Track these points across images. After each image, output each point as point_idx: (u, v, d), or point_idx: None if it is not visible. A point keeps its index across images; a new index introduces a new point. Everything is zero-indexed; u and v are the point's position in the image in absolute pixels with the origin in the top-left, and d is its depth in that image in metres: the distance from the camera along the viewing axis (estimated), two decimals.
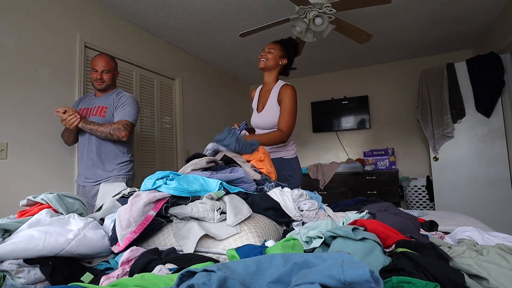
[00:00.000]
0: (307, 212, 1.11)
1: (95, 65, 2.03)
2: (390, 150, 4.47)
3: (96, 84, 2.06)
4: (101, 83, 2.05)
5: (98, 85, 2.06)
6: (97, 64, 2.03)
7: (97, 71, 2.03)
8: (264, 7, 2.96)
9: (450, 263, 0.61)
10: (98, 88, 2.08)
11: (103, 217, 0.95)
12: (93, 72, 2.04)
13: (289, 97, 1.85)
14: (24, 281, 0.65)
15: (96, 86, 2.08)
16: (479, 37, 3.88)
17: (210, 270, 0.39)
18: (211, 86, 4.53)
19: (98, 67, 2.03)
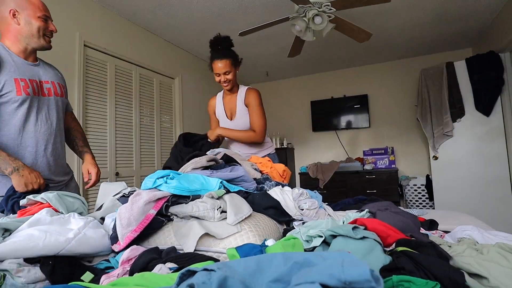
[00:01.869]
0: (307, 211, 1.11)
1: (43, 9, 1.30)
2: (390, 149, 4.47)
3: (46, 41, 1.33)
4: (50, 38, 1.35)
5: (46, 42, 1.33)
6: (44, 8, 1.31)
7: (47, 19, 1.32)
8: (263, 6, 2.95)
9: (450, 262, 0.61)
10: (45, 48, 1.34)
11: (103, 216, 0.95)
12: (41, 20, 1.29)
13: (255, 100, 1.90)
14: (24, 280, 0.65)
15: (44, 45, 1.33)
16: (478, 36, 3.88)
17: (210, 269, 0.39)
18: (211, 85, 4.52)
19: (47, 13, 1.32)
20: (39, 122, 1.30)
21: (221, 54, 1.87)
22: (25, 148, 1.26)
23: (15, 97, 1.22)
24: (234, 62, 1.89)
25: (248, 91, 1.95)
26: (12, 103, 1.22)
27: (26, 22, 1.25)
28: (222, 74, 1.89)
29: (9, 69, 1.22)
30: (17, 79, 1.23)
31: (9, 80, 1.21)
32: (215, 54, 1.89)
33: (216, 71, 1.90)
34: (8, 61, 1.23)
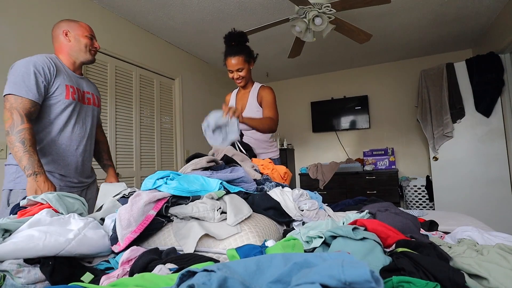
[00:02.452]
0: (307, 212, 1.11)
1: (89, 30, 1.57)
2: (390, 150, 4.47)
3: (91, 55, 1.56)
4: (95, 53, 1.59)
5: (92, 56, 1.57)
6: (90, 30, 1.57)
7: (93, 38, 1.57)
8: (263, 7, 2.96)
9: (450, 262, 0.61)
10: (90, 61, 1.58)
11: (103, 217, 0.95)
12: (87, 38, 1.53)
13: (270, 99, 1.92)
14: (24, 281, 0.65)
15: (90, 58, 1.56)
16: (478, 37, 3.89)
17: (210, 270, 0.39)
18: (211, 86, 4.53)
19: (92, 33, 1.58)
20: (76, 125, 1.50)
21: (234, 50, 1.85)
22: (60, 145, 1.44)
23: (64, 100, 1.43)
24: (248, 58, 1.88)
25: (261, 88, 1.96)
26: (60, 104, 1.42)
27: (75, 40, 1.50)
28: (235, 71, 1.88)
29: (63, 76, 1.44)
30: (68, 85, 1.45)
31: (61, 85, 1.42)
32: (228, 50, 1.87)
33: (229, 68, 1.89)
34: (62, 70, 1.46)
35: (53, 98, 1.40)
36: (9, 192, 1.36)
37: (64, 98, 1.42)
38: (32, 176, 1.24)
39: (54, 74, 1.40)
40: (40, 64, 1.36)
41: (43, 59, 1.38)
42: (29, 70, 1.32)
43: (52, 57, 1.45)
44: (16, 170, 1.36)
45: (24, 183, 1.32)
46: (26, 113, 1.29)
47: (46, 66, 1.37)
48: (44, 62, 1.37)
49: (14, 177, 1.37)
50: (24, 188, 1.32)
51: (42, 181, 1.25)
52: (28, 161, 1.24)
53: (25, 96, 1.30)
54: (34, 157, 1.26)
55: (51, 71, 1.39)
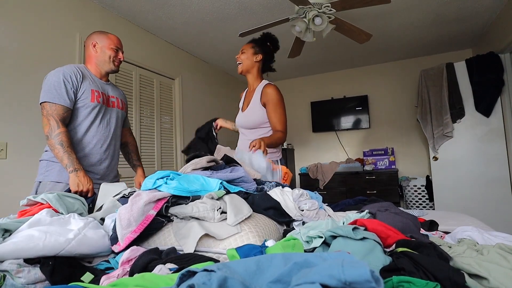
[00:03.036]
0: (307, 211, 1.11)
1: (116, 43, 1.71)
2: (390, 150, 4.47)
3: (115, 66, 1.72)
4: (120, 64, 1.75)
5: (115, 67, 1.72)
6: (117, 43, 1.72)
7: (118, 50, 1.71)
8: (263, 7, 2.96)
9: (450, 262, 0.61)
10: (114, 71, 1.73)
11: (103, 217, 0.95)
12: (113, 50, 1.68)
13: (274, 97, 1.86)
14: (24, 281, 0.65)
15: (113, 68, 1.71)
16: (478, 37, 3.89)
17: (210, 270, 0.39)
18: (211, 86, 4.53)
19: (119, 45, 1.72)
20: (101, 125, 1.64)
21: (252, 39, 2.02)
22: (86, 143, 1.59)
23: (89, 103, 1.58)
24: (255, 48, 1.95)
25: (265, 88, 1.91)
26: (87, 107, 1.58)
27: (101, 51, 1.67)
28: (240, 52, 1.98)
29: (88, 82, 1.60)
30: (93, 90, 1.61)
31: (87, 89, 1.59)
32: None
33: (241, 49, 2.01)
34: (87, 77, 1.63)
35: (80, 102, 1.56)
36: (38, 183, 1.53)
37: (89, 101, 1.58)
38: (74, 172, 1.42)
39: (80, 80, 1.57)
40: (68, 73, 1.53)
41: (71, 68, 1.56)
42: (59, 79, 1.49)
43: (80, 67, 1.63)
44: (47, 164, 1.54)
45: (51, 176, 1.51)
46: (60, 118, 1.47)
47: (74, 74, 1.54)
48: (71, 71, 1.54)
49: (44, 171, 1.53)
50: (52, 180, 1.50)
51: (82, 175, 1.43)
52: (68, 160, 1.43)
53: (58, 103, 1.47)
54: (73, 156, 1.45)
55: (78, 78, 1.56)
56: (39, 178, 1.54)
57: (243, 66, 1.96)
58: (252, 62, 1.95)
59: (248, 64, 1.95)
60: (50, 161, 1.53)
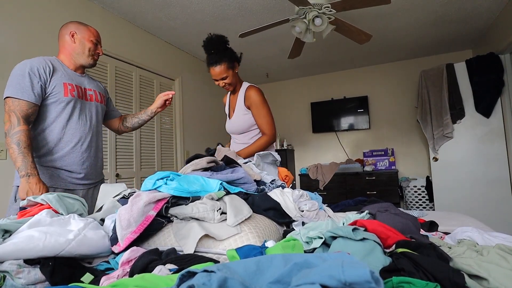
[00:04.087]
0: (307, 212, 1.11)
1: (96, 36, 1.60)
2: (390, 151, 4.47)
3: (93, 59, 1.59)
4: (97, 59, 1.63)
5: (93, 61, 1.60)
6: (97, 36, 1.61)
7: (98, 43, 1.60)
8: (263, 8, 2.96)
9: (450, 263, 0.61)
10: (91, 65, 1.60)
11: (103, 218, 0.95)
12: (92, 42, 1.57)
13: (257, 100, 1.82)
14: (24, 281, 0.65)
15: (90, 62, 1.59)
16: (478, 38, 3.89)
17: (210, 270, 0.39)
18: (211, 87, 4.53)
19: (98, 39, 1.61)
20: (80, 121, 1.51)
21: (215, 59, 1.77)
22: (66, 142, 1.47)
23: (62, 98, 1.45)
24: (230, 64, 1.79)
25: (247, 90, 1.87)
26: (60, 103, 1.44)
27: (80, 42, 1.54)
28: (219, 80, 1.82)
29: (60, 75, 1.47)
30: (66, 83, 1.47)
31: (59, 83, 1.45)
32: (209, 60, 1.80)
33: (213, 77, 1.83)
34: (59, 69, 1.49)
35: (51, 97, 1.43)
36: (17, 188, 1.40)
37: (62, 96, 1.44)
38: (25, 178, 1.28)
39: (50, 73, 1.42)
40: (35, 65, 1.39)
41: (39, 61, 1.42)
42: (24, 72, 1.36)
43: (51, 58, 1.49)
44: None
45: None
46: (23, 115, 1.33)
47: (42, 67, 1.40)
48: (39, 63, 1.40)
49: None
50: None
51: (34, 182, 1.28)
52: (22, 163, 1.28)
53: (21, 98, 1.33)
54: (28, 159, 1.30)
55: (47, 71, 1.41)
56: (16, 182, 1.40)
57: (233, 86, 1.88)
58: (235, 77, 1.87)
59: (235, 81, 1.87)
60: None
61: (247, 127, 1.89)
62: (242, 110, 1.88)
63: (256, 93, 1.84)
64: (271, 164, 1.73)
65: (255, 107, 1.83)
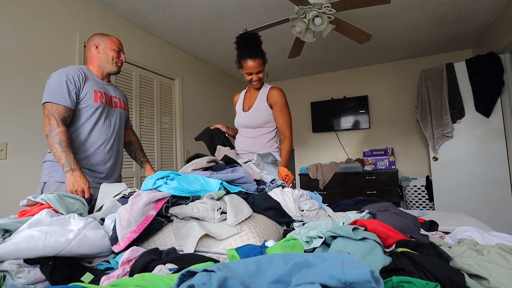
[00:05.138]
0: (307, 212, 1.11)
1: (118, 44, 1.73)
2: (390, 150, 4.47)
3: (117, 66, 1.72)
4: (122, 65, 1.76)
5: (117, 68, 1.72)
6: (119, 44, 1.73)
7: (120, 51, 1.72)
8: (263, 7, 2.96)
9: (450, 263, 0.61)
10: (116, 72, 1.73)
11: (103, 217, 0.95)
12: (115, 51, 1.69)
13: (282, 101, 1.92)
14: (24, 281, 0.65)
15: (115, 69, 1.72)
16: (478, 37, 3.89)
17: (210, 270, 0.39)
18: (211, 86, 4.53)
19: (120, 47, 1.73)
20: (105, 125, 1.65)
21: (253, 52, 1.82)
22: (91, 143, 1.60)
23: (93, 103, 1.58)
24: (265, 60, 1.89)
25: (271, 90, 1.94)
26: (90, 108, 1.58)
27: (104, 52, 1.67)
28: (254, 74, 1.87)
29: (91, 83, 1.61)
30: (96, 90, 1.61)
31: (90, 90, 1.59)
32: (246, 52, 1.83)
33: (248, 70, 1.86)
34: (90, 78, 1.63)
35: (83, 102, 1.56)
36: (43, 184, 1.54)
37: (93, 102, 1.58)
38: (70, 172, 1.42)
39: (83, 81, 1.57)
40: (71, 73, 1.53)
41: (74, 69, 1.56)
42: (61, 79, 1.50)
43: (83, 68, 1.63)
44: (51, 165, 1.54)
45: (56, 177, 1.51)
46: (61, 118, 1.47)
47: (76, 75, 1.54)
48: (74, 72, 1.55)
49: (49, 171, 1.54)
50: (57, 181, 1.51)
51: (78, 176, 1.42)
52: (65, 160, 1.42)
53: (59, 103, 1.48)
54: (70, 156, 1.44)
55: (81, 79, 1.56)
56: (44, 179, 1.54)
57: (260, 82, 1.95)
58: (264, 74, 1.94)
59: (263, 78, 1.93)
60: (55, 162, 1.53)
61: (263, 123, 1.95)
62: (264, 106, 1.94)
63: (281, 94, 1.93)
64: (271, 164, 1.73)
65: (279, 108, 1.91)
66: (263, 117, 1.94)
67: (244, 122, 2.01)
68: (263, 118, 1.94)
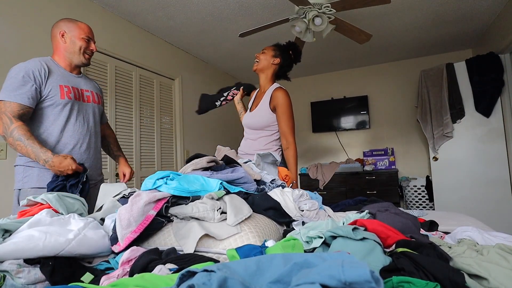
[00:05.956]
0: (307, 212, 1.11)
1: (87, 32, 1.54)
2: (390, 150, 4.47)
3: (85, 58, 1.55)
4: (91, 56, 1.59)
5: (86, 59, 1.56)
6: (88, 32, 1.55)
7: (90, 40, 1.55)
8: (263, 7, 2.96)
9: (450, 263, 0.61)
10: (84, 64, 1.57)
11: (103, 217, 0.95)
12: (83, 40, 1.52)
13: (284, 103, 1.88)
14: (24, 281, 0.65)
15: (83, 61, 1.55)
16: (478, 37, 3.89)
17: (210, 270, 0.39)
18: (211, 86, 4.52)
19: (90, 35, 1.56)
20: (78, 123, 1.51)
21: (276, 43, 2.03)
22: (64, 144, 1.47)
23: (59, 100, 1.44)
24: (276, 51, 1.97)
25: (275, 92, 1.93)
26: (57, 105, 1.44)
27: (71, 41, 1.50)
28: (260, 51, 2.00)
29: (55, 77, 1.45)
30: (62, 85, 1.46)
31: (55, 86, 1.44)
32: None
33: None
34: (55, 71, 1.47)
35: (48, 100, 1.42)
36: (18, 191, 1.42)
37: (59, 98, 1.44)
38: (47, 164, 1.31)
39: (45, 76, 1.41)
40: (30, 68, 1.38)
41: (35, 63, 1.41)
42: (18, 75, 1.36)
43: (46, 60, 1.47)
44: (24, 170, 1.42)
45: (31, 182, 1.39)
46: (14, 115, 1.33)
47: (37, 69, 1.39)
48: (35, 66, 1.40)
49: (22, 177, 1.42)
50: (32, 187, 1.39)
51: (58, 162, 1.31)
52: (34, 154, 1.31)
53: (13, 100, 1.34)
54: (36, 146, 1.31)
55: (42, 74, 1.40)
56: (17, 186, 1.41)
57: (259, 65, 1.98)
58: (269, 63, 1.97)
59: (264, 64, 1.97)
60: (27, 166, 1.40)
61: (264, 125, 1.93)
62: (266, 108, 1.93)
63: (284, 96, 1.90)
64: (271, 164, 1.73)
65: (281, 110, 1.88)
66: (264, 119, 1.92)
67: (247, 122, 2.01)
68: (264, 121, 1.92)
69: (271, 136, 1.95)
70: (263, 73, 2.01)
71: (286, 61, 2.00)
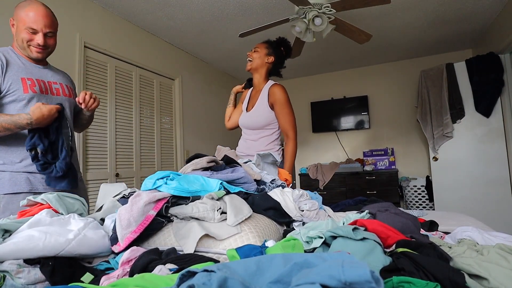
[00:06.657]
0: (307, 212, 1.11)
1: (33, 21, 1.31)
2: (390, 150, 4.47)
3: (34, 51, 1.34)
4: (42, 50, 1.36)
5: (37, 53, 1.35)
6: (34, 21, 1.31)
7: (35, 32, 1.32)
8: (263, 7, 2.96)
9: (450, 263, 0.61)
10: (37, 58, 1.37)
11: (103, 217, 0.95)
12: (26, 31, 1.31)
13: (282, 98, 1.86)
14: (24, 281, 0.65)
15: (33, 55, 1.35)
16: (478, 37, 3.89)
17: (210, 270, 0.39)
18: (211, 86, 4.53)
19: (35, 26, 1.31)
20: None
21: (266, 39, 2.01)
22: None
23: (22, 95, 1.28)
24: (269, 49, 1.94)
25: (272, 88, 1.89)
26: (20, 101, 1.28)
27: (16, 32, 1.34)
28: (252, 50, 1.97)
29: (16, 69, 1.29)
30: (24, 78, 1.29)
31: (16, 79, 1.28)
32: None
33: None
34: (15, 62, 1.31)
35: (9, 95, 1.27)
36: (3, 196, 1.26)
37: (22, 92, 1.28)
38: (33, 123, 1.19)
39: (3, 69, 1.26)
40: None
41: None
42: None
43: (5, 51, 1.32)
44: None
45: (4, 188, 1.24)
46: None
47: None
48: None
49: None
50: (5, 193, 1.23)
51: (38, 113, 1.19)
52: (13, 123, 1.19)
53: None
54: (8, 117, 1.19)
55: (1, 67, 1.26)
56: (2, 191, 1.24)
57: (253, 64, 1.95)
58: (263, 62, 1.95)
59: (258, 63, 1.94)
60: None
61: (264, 124, 1.90)
62: (264, 106, 1.90)
63: (281, 91, 1.88)
64: (271, 164, 1.73)
65: (279, 105, 1.85)
66: (263, 118, 1.89)
67: (245, 122, 1.98)
68: (264, 120, 1.89)
69: (271, 135, 1.92)
70: (257, 72, 1.98)
71: (279, 59, 1.99)
